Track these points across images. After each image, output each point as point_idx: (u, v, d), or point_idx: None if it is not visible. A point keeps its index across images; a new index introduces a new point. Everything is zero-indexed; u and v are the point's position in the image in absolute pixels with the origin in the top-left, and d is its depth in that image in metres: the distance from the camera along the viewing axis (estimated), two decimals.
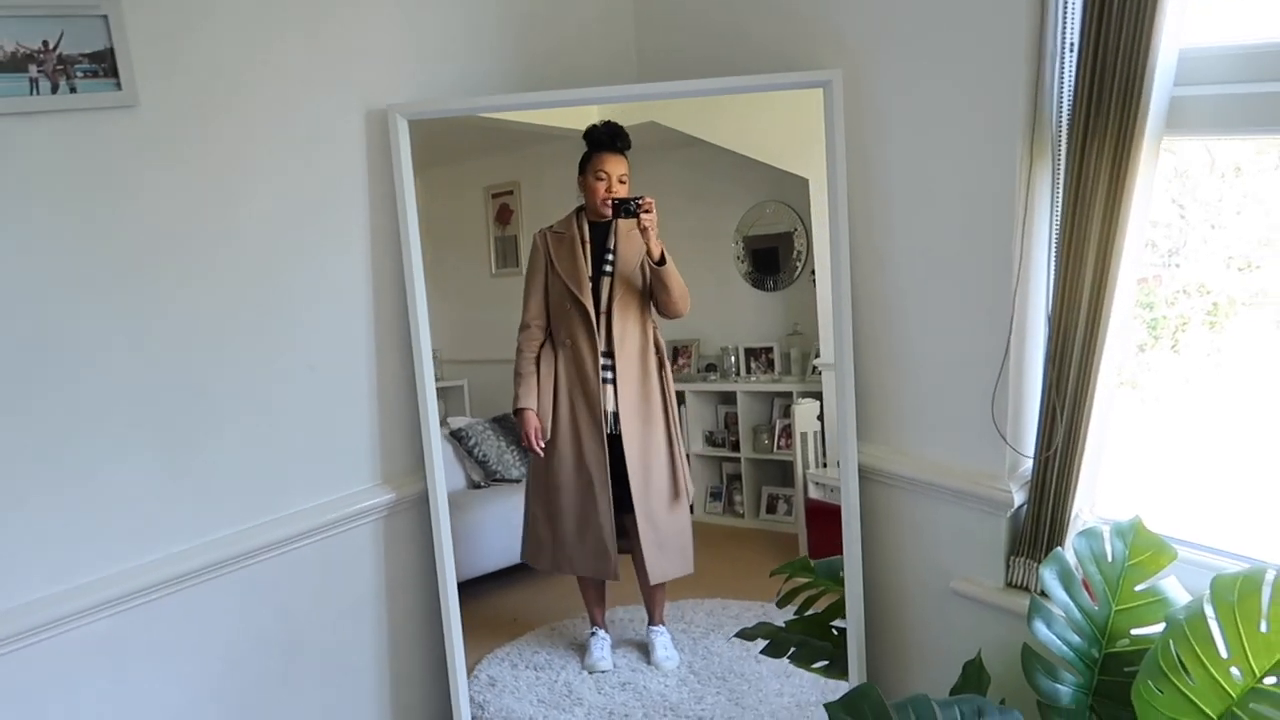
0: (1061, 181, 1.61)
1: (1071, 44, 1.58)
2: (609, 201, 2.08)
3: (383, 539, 2.02)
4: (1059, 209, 1.62)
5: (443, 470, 1.99)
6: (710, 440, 2.64)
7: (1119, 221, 1.53)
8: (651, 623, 2.34)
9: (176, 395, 1.68)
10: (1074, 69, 1.56)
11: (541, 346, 2.18)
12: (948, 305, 1.82)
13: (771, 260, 2.48)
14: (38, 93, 1.46)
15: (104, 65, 1.51)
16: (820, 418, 2.37)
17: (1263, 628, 1.31)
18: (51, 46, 1.46)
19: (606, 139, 2.11)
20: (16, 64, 1.43)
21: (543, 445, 2.14)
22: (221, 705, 1.79)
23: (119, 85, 1.53)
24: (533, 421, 2.15)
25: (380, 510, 1.99)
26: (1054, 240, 1.65)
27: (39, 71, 1.45)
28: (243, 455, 1.78)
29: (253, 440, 1.79)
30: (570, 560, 2.22)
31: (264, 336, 1.79)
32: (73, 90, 1.49)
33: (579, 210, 2.19)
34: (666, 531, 2.20)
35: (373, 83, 1.88)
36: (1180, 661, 1.35)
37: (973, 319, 1.77)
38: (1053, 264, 1.66)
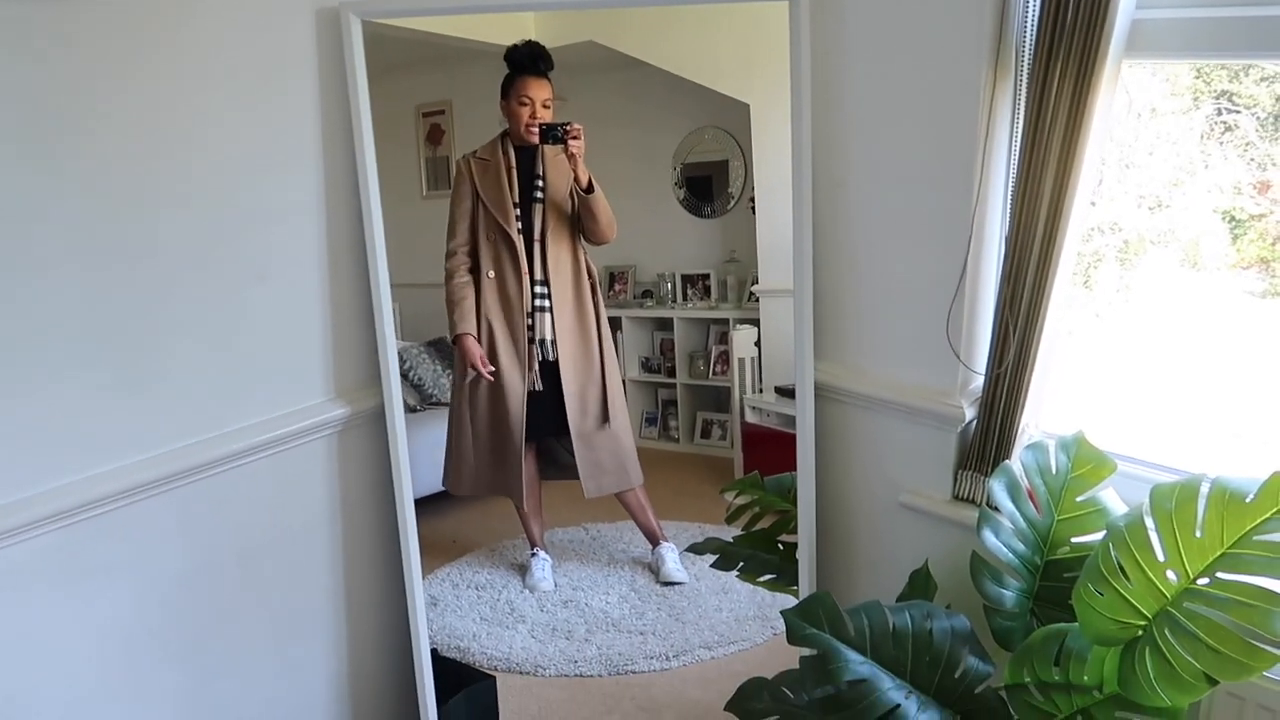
0: (1023, 103, 1.63)
1: None
2: (533, 128, 2.04)
3: (335, 454, 1.99)
4: (1019, 130, 1.65)
5: (399, 383, 1.96)
6: (646, 366, 2.66)
7: (1078, 143, 1.56)
8: (654, 544, 2.37)
9: (125, 305, 1.61)
10: None
11: (470, 272, 2.16)
12: (906, 226, 1.85)
13: (708, 187, 2.48)
14: None
15: None
16: (757, 344, 2.40)
17: (1198, 534, 1.39)
18: None
19: (529, 61, 2.07)
20: None
21: (491, 369, 2.13)
22: (176, 618, 1.76)
23: None
24: (474, 347, 2.13)
25: (334, 425, 1.95)
26: (1013, 161, 1.69)
27: None
28: (194, 367, 1.72)
29: (204, 352, 1.73)
30: (484, 482, 2.23)
31: (215, 246, 1.72)
32: None
33: (503, 135, 2.15)
34: (603, 450, 2.23)
35: None
36: (1120, 565, 1.42)
37: (931, 239, 1.80)
38: (1011, 185, 1.69)
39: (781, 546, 2.10)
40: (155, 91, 1.60)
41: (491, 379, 2.13)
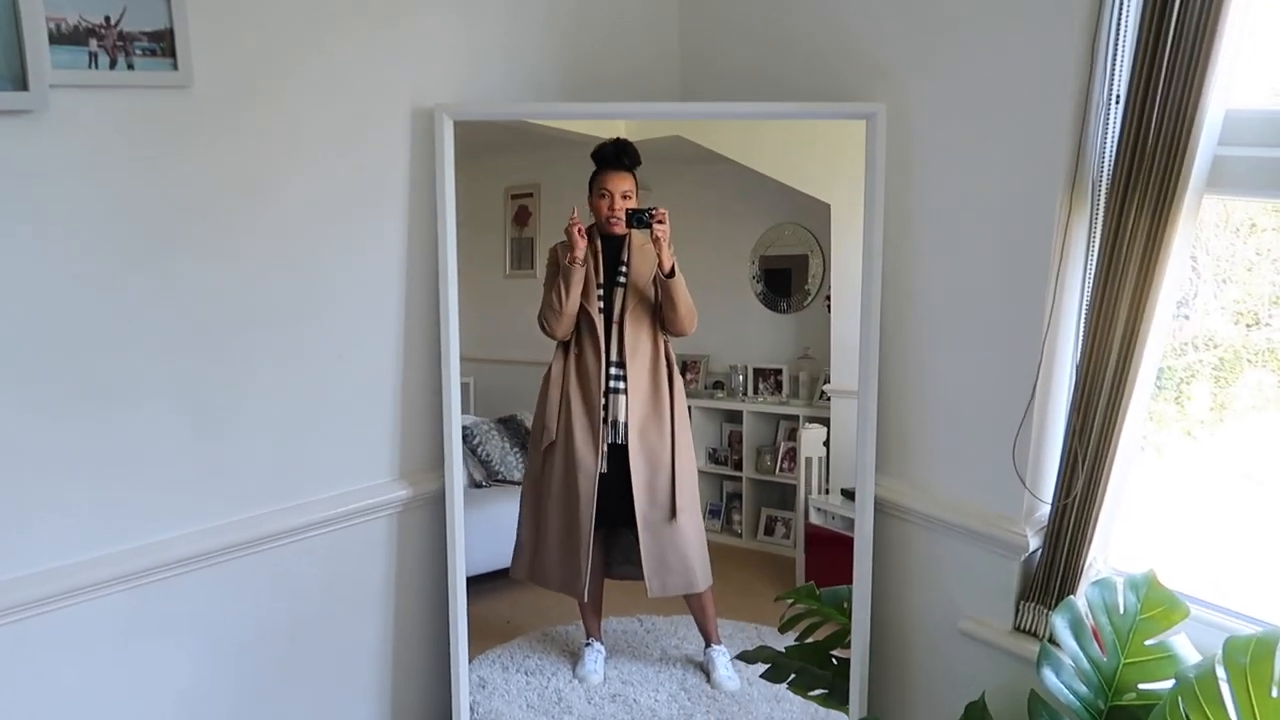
0: (1099, 232, 1.62)
1: (1118, 96, 1.59)
2: (612, 219, 2.09)
3: (395, 534, 2.02)
4: (1094, 261, 1.63)
5: (461, 472, 1.99)
6: (713, 457, 2.64)
7: (1155, 277, 1.54)
8: (707, 643, 2.32)
9: (207, 375, 1.69)
10: (1119, 122, 1.57)
11: (559, 348, 2.18)
12: (975, 345, 1.83)
13: (786, 282, 2.48)
14: (96, 67, 1.46)
15: (162, 44, 1.52)
16: (826, 444, 2.37)
17: (1274, 693, 1.31)
18: (113, 22, 1.46)
19: (612, 157, 2.12)
20: (78, 37, 1.44)
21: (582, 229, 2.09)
22: (227, 686, 1.79)
23: (175, 65, 1.53)
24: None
25: (396, 505, 1.99)
26: (1087, 290, 1.66)
27: (99, 46, 1.46)
28: (266, 440, 1.78)
29: (277, 426, 1.79)
30: (544, 573, 2.20)
31: (296, 323, 1.79)
32: (130, 67, 1.49)
33: (591, 227, 2.20)
34: (670, 547, 2.19)
35: (420, 80, 1.89)
36: None
37: (1000, 361, 1.77)
38: (1084, 313, 1.67)
39: (835, 661, 2.05)
40: (258, 171, 1.70)
41: (582, 230, 2.09)
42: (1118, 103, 1.59)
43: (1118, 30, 1.58)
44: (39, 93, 1.39)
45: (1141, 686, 1.59)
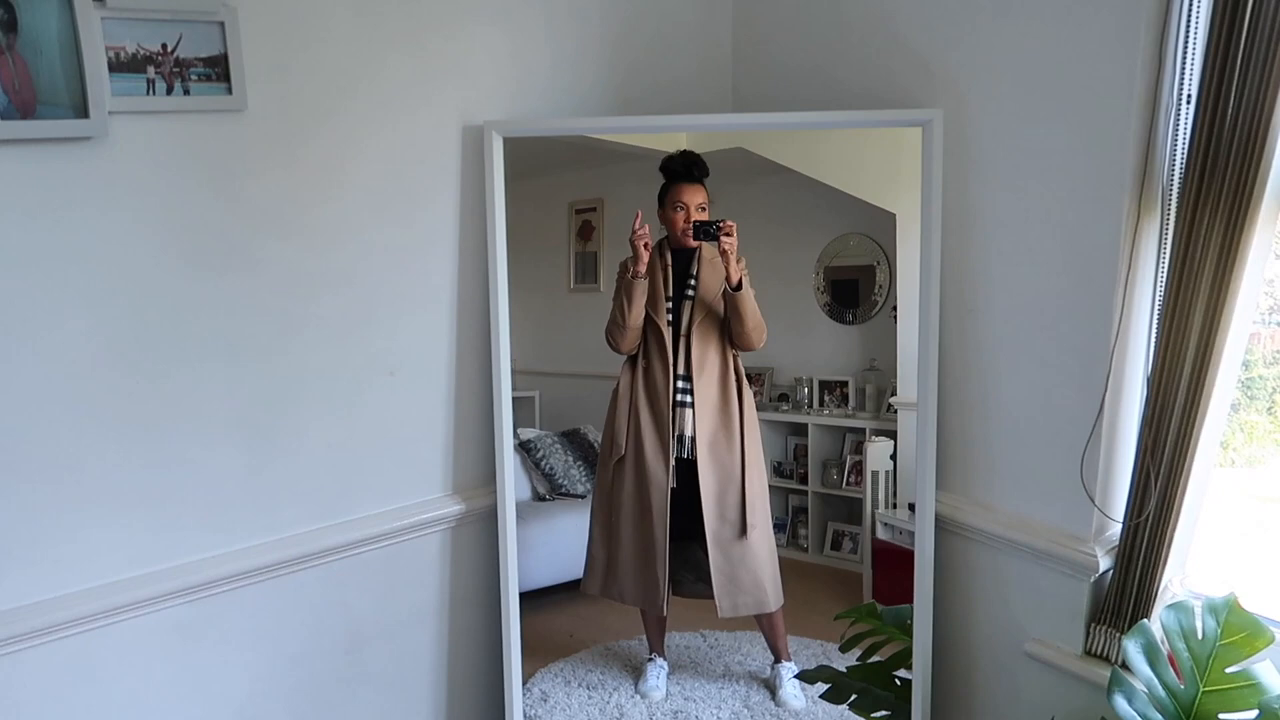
0: (1170, 240, 1.55)
1: (1189, 96, 1.52)
2: (686, 231, 2.07)
3: (449, 549, 2.03)
4: (1165, 269, 1.56)
5: (513, 489, 2.00)
6: (778, 471, 2.60)
7: (1230, 286, 1.46)
8: (776, 660, 2.29)
9: (263, 393, 1.72)
10: (1190, 123, 1.50)
11: (627, 362, 2.17)
12: (1040, 357, 1.76)
13: (852, 293, 2.44)
14: (154, 93, 1.50)
15: (217, 70, 1.55)
16: (893, 457, 2.31)
17: None
18: (170, 50, 1.50)
19: (683, 170, 2.11)
20: (136, 65, 1.48)
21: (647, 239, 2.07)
22: (283, 699, 1.82)
23: (230, 90, 1.57)
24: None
25: (449, 521, 2.00)
26: (1158, 300, 1.59)
27: (156, 73, 1.50)
28: (321, 456, 1.80)
29: (331, 442, 1.82)
30: (620, 588, 2.18)
31: (349, 340, 1.82)
32: (186, 92, 1.53)
33: (662, 241, 2.18)
34: (741, 566, 2.16)
35: (470, 98, 1.91)
36: None
37: (1066, 374, 1.71)
38: (1155, 324, 1.59)
39: (899, 682, 1.99)
40: (311, 192, 1.73)
41: (647, 243, 2.07)
42: (1189, 102, 1.52)
43: (1188, 26, 1.52)
44: (99, 120, 1.43)
45: (1222, 716, 1.51)
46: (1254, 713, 1.37)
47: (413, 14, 1.80)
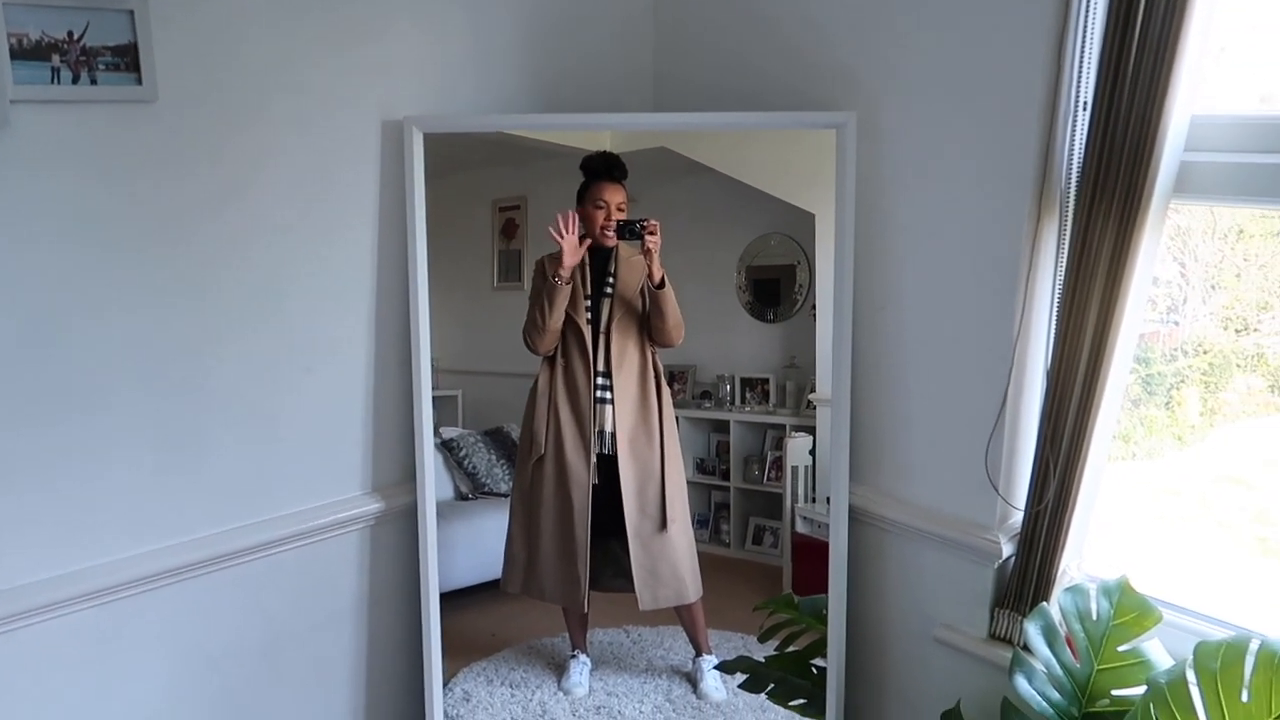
0: (1068, 239, 1.62)
1: (1085, 103, 1.59)
2: (609, 230, 2.08)
3: (368, 548, 2.01)
4: (1063, 266, 1.62)
5: (433, 485, 1.99)
6: (701, 468, 2.63)
7: (1122, 283, 1.54)
8: (697, 653, 2.31)
9: (172, 391, 1.68)
10: (1086, 128, 1.57)
11: (545, 361, 2.18)
12: (947, 353, 1.83)
13: (773, 292, 2.48)
14: (59, 82, 1.46)
15: (126, 59, 1.51)
16: (812, 453, 2.36)
17: (1244, 697, 1.31)
18: (76, 37, 1.46)
19: (603, 169, 2.12)
20: (40, 52, 1.44)
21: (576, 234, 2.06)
22: (201, 704, 1.78)
23: (139, 80, 1.53)
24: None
25: (367, 519, 1.98)
26: (1056, 296, 1.66)
27: (61, 61, 1.46)
28: (234, 455, 1.77)
29: (245, 440, 1.78)
30: (541, 586, 2.19)
31: (264, 338, 1.79)
32: (94, 82, 1.49)
33: (581, 238, 2.19)
34: (661, 559, 2.18)
35: (390, 94, 1.89)
36: None
37: (971, 369, 1.77)
38: (1054, 320, 1.66)
39: (815, 670, 2.04)
40: (224, 188, 1.69)
41: (571, 239, 2.06)
42: (1085, 109, 1.59)
43: (1084, 35, 1.58)
44: (0, 108, 1.39)
45: (1114, 692, 1.58)
46: (1143, 688, 1.44)
47: (334, 7, 1.77)
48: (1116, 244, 1.52)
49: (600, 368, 2.12)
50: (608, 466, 2.13)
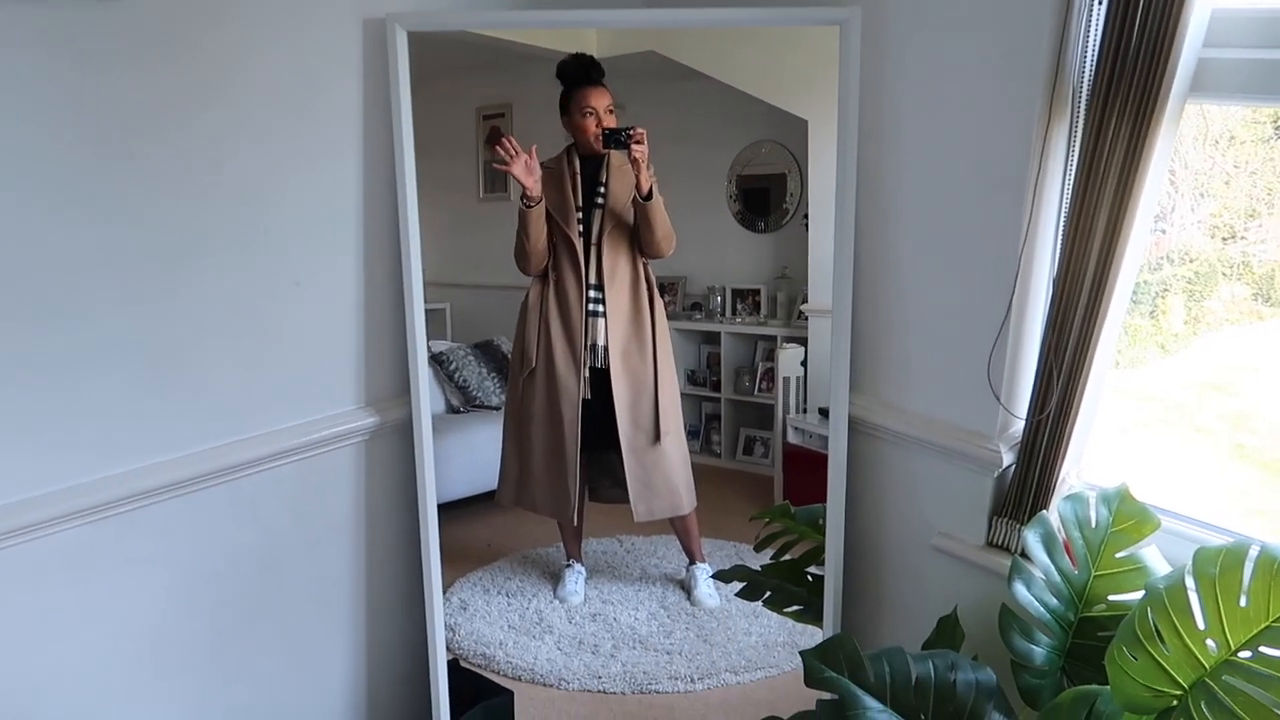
0: (1079, 141, 1.57)
1: None
2: (599, 136, 2.02)
3: (364, 462, 2.00)
4: (1073, 170, 1.58)
5: (428, 399, 1.96)
6: (692, 379, 2.62)
7: (1134, 187, 1.49)
8: (691, 562, 2.34)
9: (159, 306, 1.63)
10: (1101, 22, 1.51)
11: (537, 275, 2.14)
12: (951, 261, 1.79)
13: (763, 201, 2.43)
14: None
15: None
16: (804, 363, 2.35)
17: (1242, 602, 1.32)
18: None
19: (581, 72, 2.05)
20: None
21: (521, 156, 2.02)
22: (200, 619, 1.78)
23: None
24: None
25: (362, 433, 1.96)
26: (1064, 203, 1.62)
27: None
28: (225, 370, 1.73)
29: (235, 355, 1.75)
30: (533, 499, 2.21)
31: (250, 250, 1.73)
32: None
33: (569, 148, 2.13)
34: (655, 471, 2.19)
35: None
36: (1157, 630, 1.36)
37: (975, 277, 1.74)
38: (1061, 228, 1.62)
39: (810, 578, 2.06)
40: (200, 91, 1.62)
41: (520, 162, 2.01)
42: (1100, 3, 1.52)
43: None
44: None
45: (1112, 598, 1.60)
46: (1140, 594, 1.45)
47: None
48: (1130, 146, 1.47)
49: (592, 280, 2.09)
50: (600, 380, 2.12)
